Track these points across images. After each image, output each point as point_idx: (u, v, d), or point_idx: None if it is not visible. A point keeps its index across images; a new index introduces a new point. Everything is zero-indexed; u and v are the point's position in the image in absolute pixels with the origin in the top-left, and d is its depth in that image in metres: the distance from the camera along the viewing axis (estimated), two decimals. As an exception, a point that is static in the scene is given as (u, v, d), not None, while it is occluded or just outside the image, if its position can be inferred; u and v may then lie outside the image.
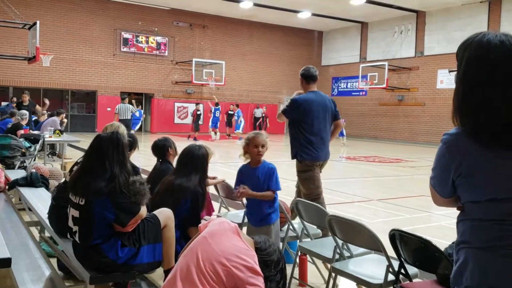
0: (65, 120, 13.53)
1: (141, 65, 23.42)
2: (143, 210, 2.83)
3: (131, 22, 22.93)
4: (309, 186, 4.89)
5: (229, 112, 21.86)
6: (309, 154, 4.83)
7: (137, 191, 2.76)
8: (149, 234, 2.88)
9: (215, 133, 20.58)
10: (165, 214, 3.02)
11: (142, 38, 23.22)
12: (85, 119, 22.27)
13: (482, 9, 20.30)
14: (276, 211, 3.61)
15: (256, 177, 3.52)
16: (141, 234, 2.84)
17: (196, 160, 3.38)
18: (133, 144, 4.13)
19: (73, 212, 2.80)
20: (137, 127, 17.80)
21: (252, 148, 3.49)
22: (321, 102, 4.94)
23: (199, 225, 2.27)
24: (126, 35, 22.78)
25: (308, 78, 5.10)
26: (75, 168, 3.19)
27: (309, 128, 4.82)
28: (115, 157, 2.77)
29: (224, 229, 2.12)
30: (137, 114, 16.63)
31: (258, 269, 2.00)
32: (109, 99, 22.50)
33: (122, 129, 3.99)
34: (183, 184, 3.29)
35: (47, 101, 13.99)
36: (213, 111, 20.58)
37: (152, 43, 23.51)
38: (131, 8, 22.79)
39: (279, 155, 15.27)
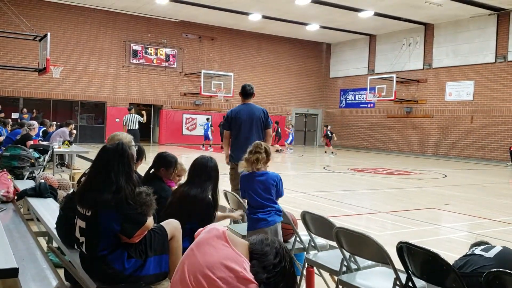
0: (74, 131, 13.63)
1: (150, 76, 23.63)
2: (150, 221, 2.83)
3: (140, 34, 23.19)
4: (232, 183, 5.87)
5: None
6: (233, 157, 5.79)
7: (143, 202, 2.76)
8: (156, 245, 2.86)
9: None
10: (172, 225, 3.01)
11: (151, 50, 23.45)
12: (94, 130, 22.46)
13: (491, 21, 20.27)
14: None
15: None
16: (148, 245, 2.83)
17: (209, 171, 3.40)
18: (140, 155, 4.14)
19: (80, 223, 2.81)
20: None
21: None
22: (248, 112, 5.90)
23: (194, 234, 2.20)
24: (136, 47, 23.03)
25: (243, 94, 6.09)
26: (83, 179, 3.21)
27: (236, 134, 5.90)
28: (121, 168, 2.76)
29: (211, 237, 1.97)
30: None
31: (249, 276, 1.81)
32: (118, 110, 22.68)
33: (128, 139, 3.98)
34: (197, 195, 3.30)
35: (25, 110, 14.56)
36: None
37: (161, 54, 23.73)
38: (141, 20, 23.07)
39: (284, 167, 15.26)
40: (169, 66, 23.99)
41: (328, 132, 21.75)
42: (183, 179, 4.39)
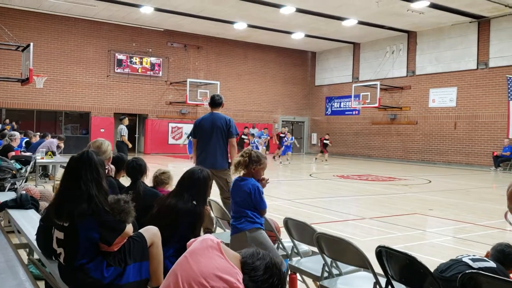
0: (62, 145, 13.50)
1: (135, 86, 23.53)
2: (129, 228, 2.81)
3: (125, 43, 23.12)
4: None
5: (281, 135, 21.46)
6: (197, 162, 6.09)
7: (121, 209, 2.75)
8: (135, 253, 2.85)
9: None
10: (151, 232, 2.99)
11: (136, 59, 23.38)
12: (78, 141, 22.22)
13: (472, 29, 20.66)
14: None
15: None
16: (127, 253, 2.81)
17: (196, 183, 3.37)
18: (120, 165, 4.12)
19: (57, 234, 2.77)
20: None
21: (262, 172, 3.82)
22: (210, 121, 6.09)
23: (187, 243, 2.22)
24: (120, 56, 22.94)
25: (211, 104, 6.28)
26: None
27: (199, 142, 6.17)
28: (89, 176, 2.74)
29: (206, 247, 2.01)
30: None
31: (241, 287, 1.87)
32: (102, 120, 22.52)
33: (106, 146, 3.96)
34: (181, 207, 3.26)
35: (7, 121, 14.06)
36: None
37: (146, 64, 23.67)
38: (125, 29, 23.02)
39: (269, 175, 15.26)
40: (154, 75, 23.93)
41: (326, 141, 21.32)
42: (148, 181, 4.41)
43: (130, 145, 13.49)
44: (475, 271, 2.22)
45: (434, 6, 18.32)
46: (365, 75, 25.55)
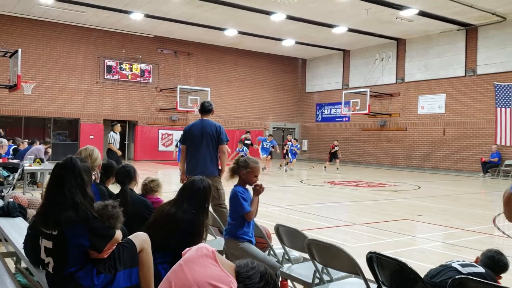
0: (49, 151, 13.35)
1: (124, 92, 23.44)
2: (118, 234, 2.79)
3: (115, 50, 23.05)
4: None
5: (288, 143, 20.70)
6: (187, 169, 6.13)
7: (110, 215, 2.73)
8: (125, 259, 2.82)
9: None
10: (141, 238, 2.97)
11: (126, 66, 23.31)
12: (67, 147, 22.02)
13: (460, 36, 20.93)
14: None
15: (251, 198, 3.84)
16: (117, 259, 2.79)
17: (196, 193, 3.34)
18: (109, 172, 4.09)
19: (45, 243, 2.73)
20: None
21: (253, 177, 3.79)
22: (200, 127, 6.07)
23: (182, 251, 2.21)
24: (110, 63, 22.86)
25: (201, 111, 6.29)
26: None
27: (188, 148, 6.14)
28: (73, 183, 2.71)
29: (201, 255, 2.02)
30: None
31: None
32: (91, 127, 22.38)
33: (96, 153, 3.94)
34: (179, 216, 3.22)
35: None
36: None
37: (136, 70, 23.60)
38: (115, 36, 22.95)
39: (260, 181, 15.21)
40: (144, 81, 23.87)
41: (336, 147, 20.22)
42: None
43: (119, 153, 12.88)
44: (464, 276, 2.23)
45: (422, 14, 18.54)
46: (355, 82, 25.72)
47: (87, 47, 22.33)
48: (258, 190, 3.79)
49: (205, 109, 6.23)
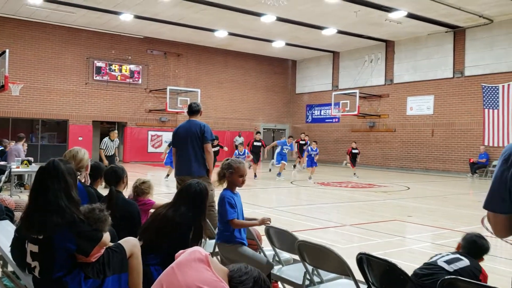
0: (25, 145, 13.15)
1: (114, 93, 23.29)
2: (106, 237, 2.75)
3: (104, 51, 22.90)
4: None
5: (301, 142, 19.99)
6: (175, 170, 6.28)
7: (97, 218, 2.70)
8: (114, 264, 2.79)
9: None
10: (131, 243, 2.94)
11: (115, 67, 23.16)
12: (56, 149, 21.82)
13: (448, 38, 21.13)
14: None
15: (240, 202, 3.85)
16: (106, 264, 2.75)
17: (193, 196, 3.31)
18: (97, 173, 4.05)
19: (31, 247, 2.69)
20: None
21: (238, 177, 3.76)
22: (186, 128, 6.11)
23: (176, 254, 2.19)
24: (99, 64, 22.70)
25: (188, 112, 6.33)
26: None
27: (177, 150, 6.22)
28: (56, 186, 2.68)
29: (193, 259, 2.00)
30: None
31: None
32: (80, 129, 22.20)
33: (82, 154, 3.87)
34: (175, 219, 3.19)
35: None
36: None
37: (125, 71, 23.47)
38: (104, 36, 22.81)
39: (250, 183, 15.26)
40: (134, 82, 23.74)
41: (355, 150, 18.49)
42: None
43: (105, 163, 11.62)
44: (453, 276, 2.24)
45: (411, 16, 18.69)
46: (344, 83, 25.84)
47: (76, 48, 22.15)
48: (262, 222, 3.73)
49: (192, 110, 6.24)
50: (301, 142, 20.12)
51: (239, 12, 18.85)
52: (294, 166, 20.64)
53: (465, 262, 2.86)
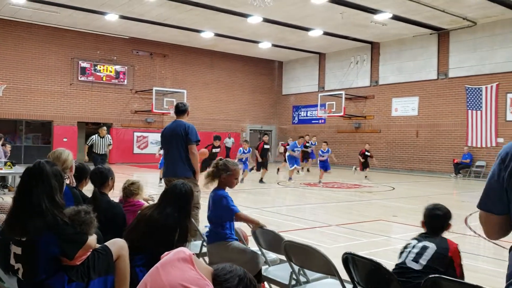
0: (8, 146, 12.91)
1: (99, 94, 23.08)
2: (92, 240, 2.73)
3: (89, 51, 22.69)
4: None
5: (306, 144, 18.45)
6: (163, 172, 6.31)
7: (82, 220, 2.67)
8: (100, 266, 2.76)
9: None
10: (118, 245, 2.91)
11: (100, 67, 22.97)
12: (40, 150, 21.55)
13: (432, 40, 21.40)
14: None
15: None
16: (91, 266, 2.72)
17: (179, 197, 3.29)
18: (82, 174, 4.01)
19: (14, 249, 2.65)
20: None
21: (233, 179, 3.82)
22: (171, 129, 6.03)
23: (161, 255, 2.18)
24: (84, 64, 22.48)
25: (175, 112, 6.25)
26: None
27: (164, 151, 6.27)
28: (40, 189, 2.65)
29: (177, 258, 1.99)
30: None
31: None
32: (65, 130, 21.95)
33: (66, 155, 3.82)
34: (160, 220, 3.18)
35: None
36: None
37: (110, 72, 23.28)
38: (89, 37, 22.59)
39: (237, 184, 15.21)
40: (119, 83, 23.56)
41: (367, 153, 17.62)
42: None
43: (85, 158, 12.04)
44: (437, 275, 2.27)
45: (396, 18, 18.88)
46: (330, 84, 26.00)
47: (60, 48, 21.91)
48: (260, 225, 3.77)
49: (179, 110, 6.17)
50: (306, 144, 18.49)
51: (225, 13, 18.84)
52: (308, 169, 19.39)
53: (431, 248, 2.84)
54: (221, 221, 3.77)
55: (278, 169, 18.18)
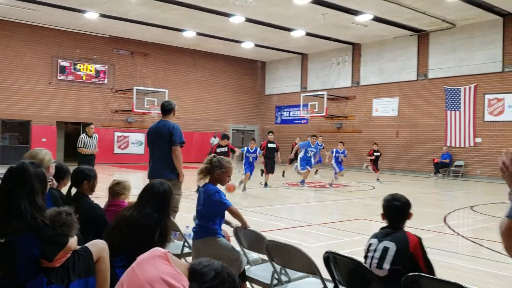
0: None
1: (79, 93, 22.75)
2: (72, 242, 2.69)
3: (68, 50, 22.34)
4: None
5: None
6: (148, 172, 5.93)
7: (63, 222, 2.63)
8: (80, 268, 2.73)
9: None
10: (98, 246, 2.88)
11: (80, 66, 22.64)
12: (17, 150, 21.10)
13: (412, 42, 21.70)
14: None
15: None
16: (71, 268, 2.69)
17: (155, 196, 3.26)
18: (63, 175, 3.94)
19: None
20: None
21: (226, 177, 3.89)
22: (156, 128, 5.84)
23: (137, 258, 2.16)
24: (64, 63, 22.13)
25: (161, 111, 6.06)
26: None
27: (149, 151, 6.00)
28: (20, 190, 2.61)
29: (153, 256, 1.99)
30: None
31: None
32: (44, 129, 21.57)
33: (42, 155, 3.75)
34: (139, 220, 3.14)
35: None
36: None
37: (91, 71, 22.97)
38: (69, 35, 22.25)
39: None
40: (100, 82, 23.27)
41: (377, 153, 17.08)
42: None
43: (85, 151, 11.30)
44: (416, 273, 2.30)
45: (377, 19, 19.09)
46: (313, 85, 26.15)
47: (39, 47, 21.52)
48: (243, 226, 3.82)
49: (164, 109, 5.99)
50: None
51: (207, 12, 18.77)
52: (316, 171, 18.78)
53: (392, 248, 2.74)
54: (211, 216, 3.77)
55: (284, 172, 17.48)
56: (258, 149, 13.50)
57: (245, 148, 13.34)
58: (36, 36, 21.42)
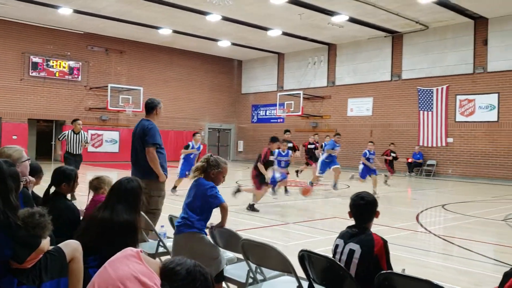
0: None
1: (51, 90, 22.26)
2: (45, 243, 2.64)
3: (41, 46, 21.83)
4: None
5: (309, 146, 17.18)
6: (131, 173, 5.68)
7: (36, 223, 2.57)
8: (52, 269, 2.68)
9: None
10: (71, 246, 2.84)
11: (53, 63, 22.16)
12: (-13, 148, 20.57)
13: (386, 43, 22.05)
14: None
15: None
16: (43, 269, 2.64)
17: (125, 194, 3.21)
18: (36, 173, 3.86)
19: None
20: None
21: (222, 177, 3.90)
22: (135, 129, 5.69)
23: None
24: (36, 59, 21.62)
25: (145, 109, 5.85)
26: None
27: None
28: None
29: (125, 255, 1.99)
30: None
31: None
32: (15, 127, 21.03)
33: (12, 151, 3.66)
34: (108, 219, 3.09)
35: None
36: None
37: (64, 67, 22.51)
38: (42, 31, 21.74)
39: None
40: (73, 79, 22.83)
41: (394, 154, 16.13)
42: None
43: (58, 152, 10.92)
44: (388, 271, 2.35)
45: (352, 20, 19.32)
46: (289, 84, 26.28)
47: (9, 42, 20.95)
48: (220, 225, 3.85)
49: (146, 107, 5.77)
50: (309, 146, 17.04)
51: (183, 10, 18.63)
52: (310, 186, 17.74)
53: (357, 250, 2.70)
54: (200, 210, 3.74)
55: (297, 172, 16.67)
56: (290, 152, 11.90)
57: (277, 151, 11.27)
58: (7, 32, 20.86)
